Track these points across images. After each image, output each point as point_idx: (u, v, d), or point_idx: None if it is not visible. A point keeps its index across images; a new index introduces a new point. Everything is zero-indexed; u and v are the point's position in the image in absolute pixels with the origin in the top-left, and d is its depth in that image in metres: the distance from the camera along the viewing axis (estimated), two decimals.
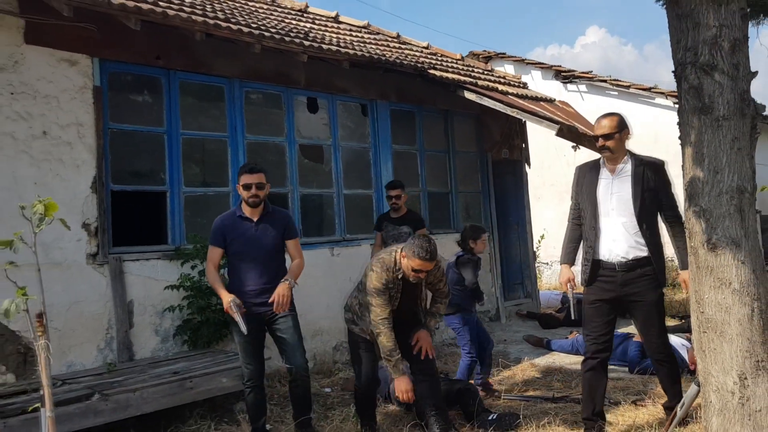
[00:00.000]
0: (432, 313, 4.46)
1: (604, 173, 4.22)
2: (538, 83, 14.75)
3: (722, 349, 3.34)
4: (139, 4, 5.09)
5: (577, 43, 71.20)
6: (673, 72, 3.49)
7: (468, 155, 9.18)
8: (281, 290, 4.22)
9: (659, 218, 4.19)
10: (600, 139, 4.15)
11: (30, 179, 4.95)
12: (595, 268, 4.16)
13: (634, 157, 4.20)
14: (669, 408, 4.27)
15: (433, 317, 4.45)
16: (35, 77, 5.04)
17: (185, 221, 5.90)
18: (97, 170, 5.30)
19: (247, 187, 4.30)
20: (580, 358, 4.55)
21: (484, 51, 16.13)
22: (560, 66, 15.28)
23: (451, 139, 8.87)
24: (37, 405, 3.01)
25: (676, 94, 11.36)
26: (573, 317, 4.63)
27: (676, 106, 3.63)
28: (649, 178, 4.09)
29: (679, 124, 3.51)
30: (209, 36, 5.68)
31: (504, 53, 16.05)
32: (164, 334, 5.59)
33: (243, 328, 4.06)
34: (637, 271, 4.07)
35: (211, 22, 5.59)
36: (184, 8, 5.67)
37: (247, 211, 4.36)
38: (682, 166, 3.51)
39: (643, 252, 4.06)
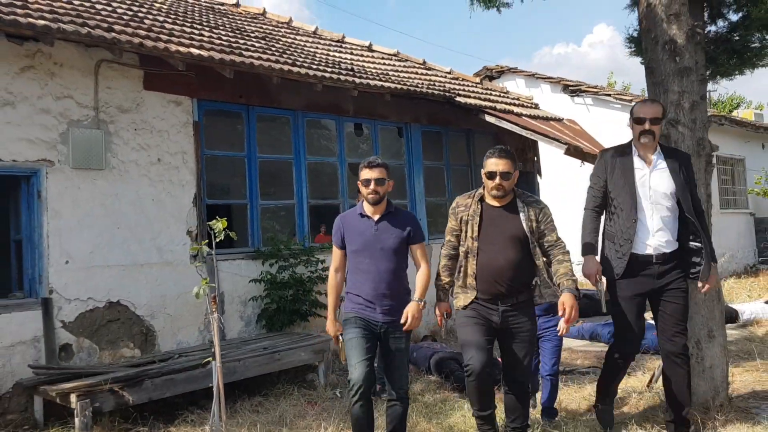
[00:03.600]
0: (559, 273, 3.77)
1: (639, 163, 4.07)
2: (547, 96, 16.02)
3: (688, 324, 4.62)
4: (233, 58, 6.44)
5: (584, 41, 72.13)
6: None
7: None
8: (413, 311, 3.88)
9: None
10: (647, 122, 3.98)
11: (149, 196, 6.29)
12: (631, 261, 4.03)
13: (662, 147, 4.13)
14: (678, 423, 4.12)
15: (564, 276, 3.74)
16: (152, 116, 6.39)
17: (261, 228, 7.24)
18: (197, 188, 6.64)
19: (366, 182, 3.96)
20: (585, 342, 5.57)
21: (497, 66, 17.42)
22: (568, 80, 16.52)
23: (473, 154, 10.17)
24: (208, 359, 4.32)
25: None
26: (605, 310, 4.27)
27: None
28: (682, 172, 4.04)
29: None
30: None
31: (516, 68, 17.33)
32: (247, 320, 6.93)
33: (347, 361, 3.86)
34: (671, 263, 4.03)
35: (285, 68, 6.93)
36: (262, 57, 7.01)
37: (368, 209, 4.03)
38: None
39: (676, 245, 4.06)
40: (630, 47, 5.60)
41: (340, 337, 4.01)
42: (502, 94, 11.20)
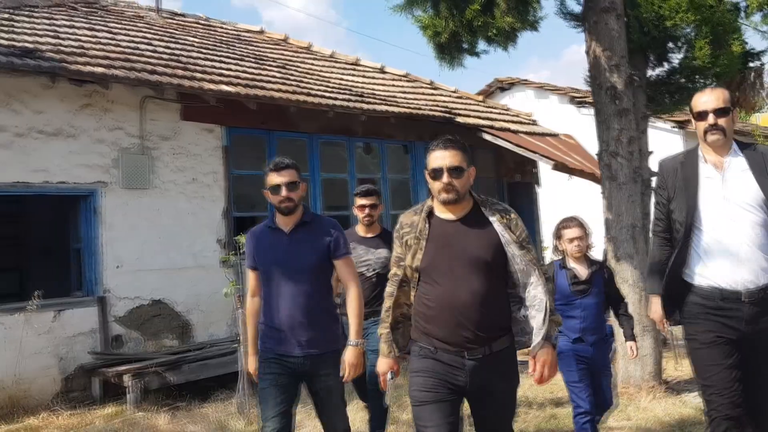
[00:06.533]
0: (532, 305, 2.75)
1: (706, 170, 3.09)
2: (555, 106, 16.90)
3: None
4: (256, 92, 7.56)
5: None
6: (596, 154, 5.77)
7: (488, 180, 11.46)
8: (350, 360, 3.22)
9: None
10: (711, 115, 3.03)
11: (186, 211, 7.43)
12: (700, 297, 3.08)
13: (738, 145, 3.12)
14: None
15: (536, 311, 2.73)
16: (188, 142, 7.53)
17: None
18: (226, 203, 7.76)
19: (275, 189, 3.28)
20: None
21: (508, 78, 18.32)
22: (577, 90, 17.36)
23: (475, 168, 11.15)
24: (235, 346, 5.41)
25: (676, 118, 13.16)
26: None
27: (675, 129, 5.65)
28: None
29: (601, 185, 5.77)
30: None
31: (526, 80, 18.23)
32: None
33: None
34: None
35: (301, 98, 8.03)
36: (281, 88, 8.12)
37: (279, 220, 3.35)
38: (603, 211, 5.76)
39: None
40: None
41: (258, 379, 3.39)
42: (502, 112, 12.17)
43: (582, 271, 3.89)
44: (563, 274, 3.89)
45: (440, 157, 2.81)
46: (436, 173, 2.78)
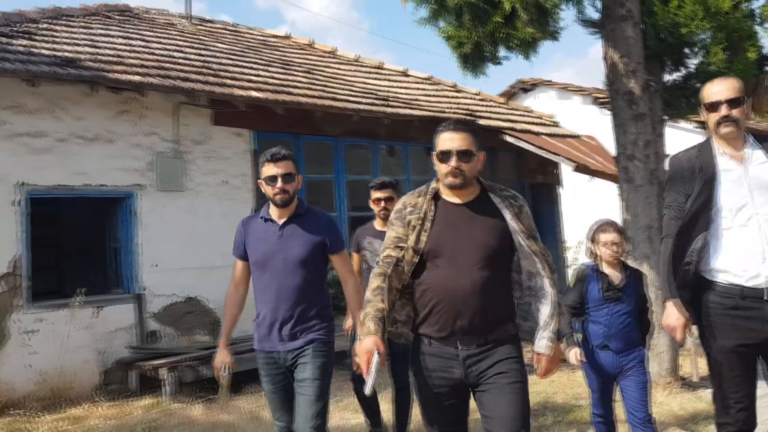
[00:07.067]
0: (537, 296, 2.68)
1: (725, 162, 2.97)
2: (578, 107, 16.96)
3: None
4: (284, 98, 7.85)
5: None
6: (614, 157, 5.95)
7: (509, 182, 11.64)
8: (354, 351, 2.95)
9: None
10: (723, 106, 2.90)
11: (217, 212, 7.74)
12: (724, 296, 2.93)
13: (755, 136, 3.04)
14: None
15: (541, 303, 2.67)
16: (219, 146, 7.84)
17: None
18: (255, 204, 8.05)
19: (271, 180, 3.25)
20: None
21: (531, 79, 18.42)
22: (600, 90, 17.38)
23: (497, 169, 11.35)
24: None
25: (699, 119, 13.19)
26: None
27: (698, 129, 5.75)
28: None
29: (618, 188, 5.94)
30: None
31: (549, 81, 18.29)
32: None
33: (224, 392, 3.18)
34: None
35: (327, 103, 8.29)
36: (308, 93, 8.39)
37: (273, 211, 3.35)
38: (620, 213, 5.94)
39: None
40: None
41: (225, 371, 3.41)
42: (524, 114, 12.33)
43: (616, 277, 3.72)
44: (596, 279, 3.71)
45: (449, 139, 2.64)
46: (444, 156, 2.64)
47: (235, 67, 8.62)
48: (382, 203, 4.52)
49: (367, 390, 2.39)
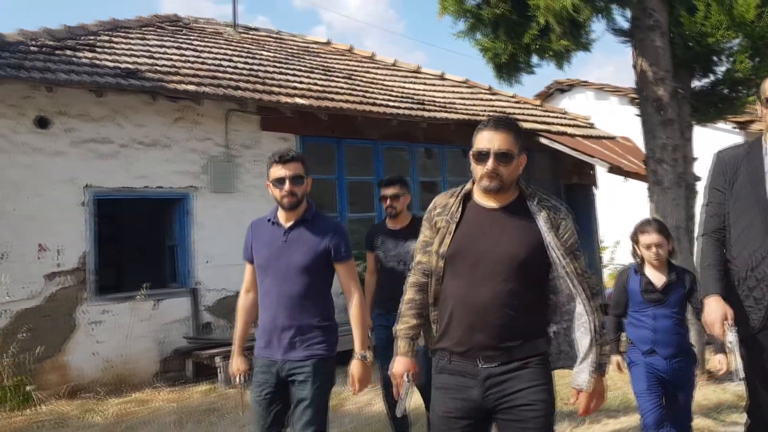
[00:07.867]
0: (575, 324, 2.42)
1: None
2: (615, 107, 17.03)
3: None
4: (327, 104, 8.30)
5: None
6: (643, 161, 6.22)
7: (545, 183, 11.89)
8: (359, 374, 3.08)
9: None
10: None
11: (265, 212, 8.15)
12: None
13: None
14: None
15: (580, 331, 2.40)
16: (266, 150, 8.30)
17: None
18: None
19: (278, 182, 3.13)
20: None
21: (567, 79, 18.53)
22: (635, 92, 17.42)
23: (532, 171, 11.62)
24: None
25: (737, 119, 13.25)
26: (739, 378, 2.92)
27: (736, 129, 5.98)
28: None
29: (647, 190, 6.22)
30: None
31: (586, 81, 18.36)
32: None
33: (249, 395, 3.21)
34: None
35: (367, 108, 8.72)
36: (348, 98, 8.83)
37: (281, 215, 3.23)
38: (650, 213, 6.20)
39: None
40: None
41: (239, 379, 3.34)
42: (559, 115, 12.56)
43: (658, 279, 3.57)
44: (637, 279, 3.60)
45: (488, 139, 2.40)
46: (481, 156, 2.40)
47: (280, 75, 9.10)
48: (389, 200, 4.44)
49: (399, 413, 2.44)
